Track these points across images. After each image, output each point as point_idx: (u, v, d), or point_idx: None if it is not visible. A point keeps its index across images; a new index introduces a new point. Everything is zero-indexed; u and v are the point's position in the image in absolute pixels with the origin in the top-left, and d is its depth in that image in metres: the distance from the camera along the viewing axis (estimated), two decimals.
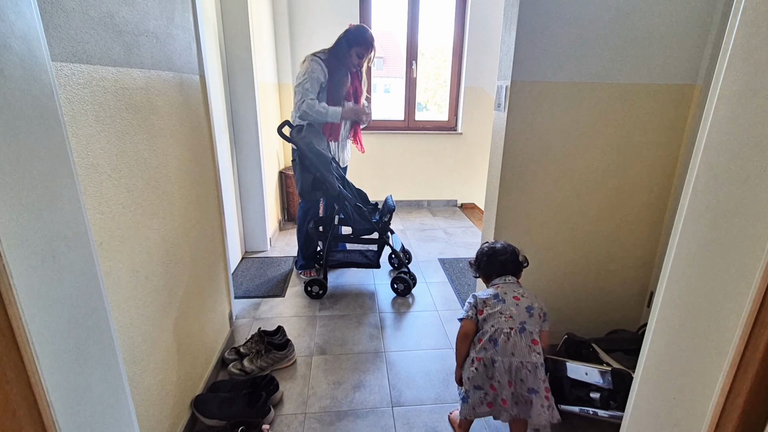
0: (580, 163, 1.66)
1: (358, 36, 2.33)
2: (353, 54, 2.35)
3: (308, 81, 2.28)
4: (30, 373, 0.60)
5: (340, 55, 2.35)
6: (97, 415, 0.77)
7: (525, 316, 1.27)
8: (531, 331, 1.26)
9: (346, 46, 2.33)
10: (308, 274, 2.68)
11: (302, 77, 2.30)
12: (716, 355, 0.74)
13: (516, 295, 1.32)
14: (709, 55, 1.54)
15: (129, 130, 1.07)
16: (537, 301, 1.33)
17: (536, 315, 1.29)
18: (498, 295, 1.32)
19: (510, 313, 1.27)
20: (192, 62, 1.50)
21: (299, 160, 2.30)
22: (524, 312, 1.28)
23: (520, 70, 1.53)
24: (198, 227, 1.54)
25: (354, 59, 2.36)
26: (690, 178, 0.82)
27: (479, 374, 1.26)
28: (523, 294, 1.33)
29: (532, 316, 1.28)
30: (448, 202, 4.32)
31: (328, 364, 1.86)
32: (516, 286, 1.37)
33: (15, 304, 0.57)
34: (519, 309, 1.28)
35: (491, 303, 1.31)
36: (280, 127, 2.37)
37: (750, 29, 0.68)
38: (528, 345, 1.24)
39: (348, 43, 2.33)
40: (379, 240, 2.45)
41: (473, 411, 1.28)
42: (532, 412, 1.23)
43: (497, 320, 1.27)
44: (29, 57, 0.61)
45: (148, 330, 1.16)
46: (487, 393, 1.26)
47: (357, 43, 2.33)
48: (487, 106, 3.96)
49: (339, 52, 2.34)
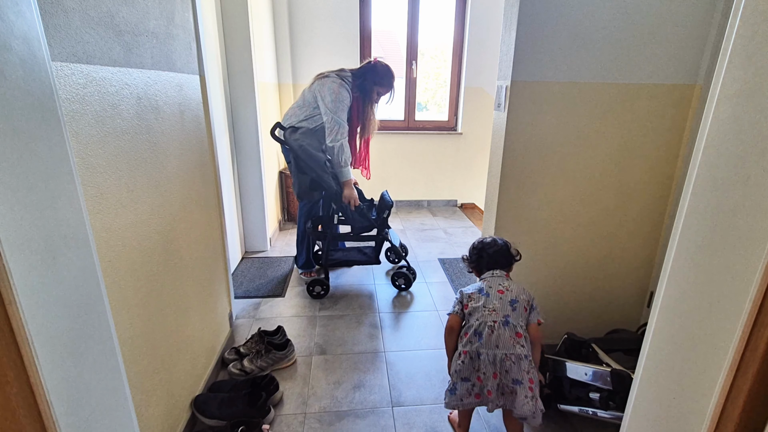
0: (580, 163, 1.66)
1: (384, 77, 2.36)
2: (375, 91, 2.39)
3: (342, 110, 2.28)
4: (30, 373, 0.60)
5: (363, 90, 2.38)
6: (97, 415, 0.77)
7: (508, 310, 1.29)
8: (515, 324, 1.28)
9: (371, 83, 2.36)
10: (309, 275, 2.69)
11: (334, 103, 2.26)
12: (716, 355, 0.74)
13: (501, 289, 1.33)
14: (709, 55, 1.54)
15: (129, 130, 1.07)
16: (523, 294, 1.34)
17: (521, 308, 1.31)
18: (483, 289, 1.34)
19: (493, 306, 1.30)
20: (192, 62, 1.49)
21: (294, 162, 2.30)
22: (508, 305, 1.30)
23: (520, 70, 1.53)
24: (198, 227, 1.54)
25: (374, 96, 2.41)
26: (690, 178, 0.82)
27: (466, 366, 1.30)
28: (509, 287, 1.34)
29: (515, 310, 1.30)
30: (448, 202, 4.32)
31: (328, 364, 1.86)
32: (503, 279, 1.37)
33: (15, 304, 0.57)
34: (502, 302, 1.30)
35: (476, 297, 1.33)
36: (272, 130, 2.36)
37: (750, 29, 0.68)
38: (512, 337, 1.27)
39: (373, 81, 2.36)
40: (378, 237, 2.45)
41: (460, 402, 1.32)
42: (516, 402, 1.27)
43: (481, 314, 1.30)
44: (29, 57, 0.61)
45: (148, 330, 1.16)
46: (474, 384, 1.30)
47: (381, 84, 2.38)
48: (487, 106, 3.96)
49: (363, 86, 2.36)
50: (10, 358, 0.58)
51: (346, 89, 2.29)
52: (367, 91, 2.38)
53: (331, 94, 2.26)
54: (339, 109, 2.26)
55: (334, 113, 2.26)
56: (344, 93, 2.28)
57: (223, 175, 2.37)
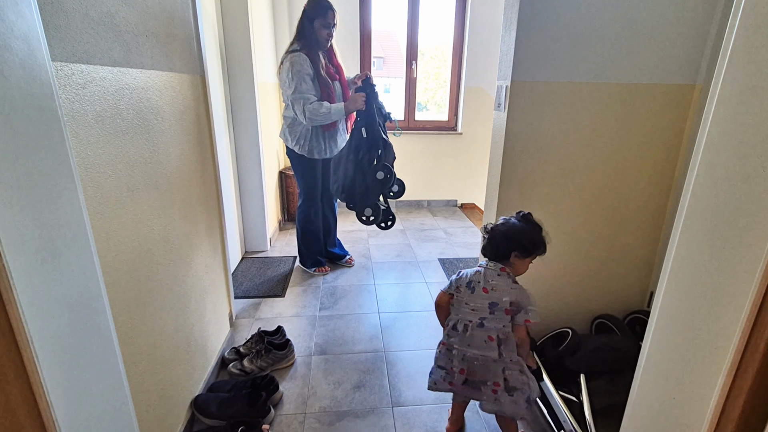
0: (580, 163, 1.66)
1: (314, 6, 2.20)
2: (319, 27, 2.22)
3: (300, 81, 2.18)
4: (30, 373, 0.60)
5: (309, 37, 2.23)
6: (97, 415, 0.77)
7: (486, 313, 1.27)
8: (489, 328, 1.26)
9: (309, 24, 2.21)
10: (322, 269, 2.72)
11: (292, 80, 2.19)
12: (716, 355, 0.74)
13: (486, 287, 1.28)
14: (709, 55, 1.54)
15: (129, 130, 1.07)
16: (508, 296, 1.26)
17: (500, 312, 1.26)
18: (471, 282, 1.31)
19: (474, 305, 1.29)
20: (192, 62, 1.49)
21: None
22: (487, 308, 1.27)
23: (520, 70, 1.53)
24: (198, 227, 1.54)
25: (322, 33, 2.23)
26: (690, 178, 0.82)
27: (442, 356, 1.36)
28: (495, 287, 1.27)
29: (493, 314, 1.26)
30: (448, 202, 4.32)
31: (328, 364, 1.86)
32: (494, 275, 1.29)
33: (15, 304, 0.57)
34: (482, 304, 1.28)
35: (463, 290, 1.32)
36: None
37: (750, 29, 0.68)
38: (484, 340, 1.26)
39: (309, 20, 2.21)
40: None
41: (435, 385, 1.39)
42: (480, 397, 1.32)
43: (462, 310, 1.31)
44: (29, 57, 0.61)
45: (148, 330, 1.16)
46: (448, 373, 1.36)
47: (317, 15, 2.20)
48: (487, 106, 3.96)
49: (306, 33, 2.22)
50: (10, 358, 0.58)
51: (298, 56, 2.19)
52: (313, 35, 2.23)
53: (285, 74, 2.22)
54: (297, 82, 2.18)
55: (295, 90, 2.19)
56: (296, 59, 2.18)
57: (223, 175, 2.37)
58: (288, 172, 3.51)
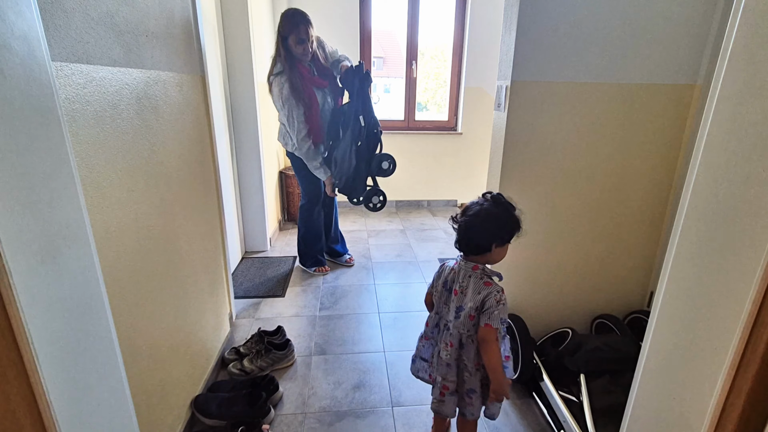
0: (580, 163, 1.66)
1: (284, 23, 2.14)
2: (293, 44, 2.15)
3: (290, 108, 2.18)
4: (30, 373, 0.60)
5: (287, 56, 2.17)
6: (97, 415, 0.77)
7: (452, 316, 1.21)
8: (452, 333, 1.21)
9: (283, 41, 2.15)
10: (322, 269, 2.73)
11: (283, 106, 2.20)
12: (716, 355, 0.74)
13: (456, 289, 1.21)
14: (709, 55, 1.54)
15: (129, 129, 1.07)
16: (472, 302, 1.15)
17: (465, 317, 1.17)
18: (447, 282, 1.24)
19: (448, 306, 1.25)
20: (192, 62, 1.49)
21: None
22: (453, 312, 1.21)
23: (520, 70, 1.53)
24: (198, 227, 1.54)
25: (297, 49, 2.16)
26: (690, 178, 0.82)
27: (426, 349, 1.37)
28: (464, 290, 1.18)
29: (458, 318, 1.19)
30: (448, 202, 4.32)
31: (328, 364, 1.86)
32: (464, 276, 1.19)
33: (15, 304, 0.57)
34: (451, 307, 1.22)
35: (439, 289, 1.28)
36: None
37: (750, 29, 0.68)
38: (445, 343, 1.25)
39: (283, 38, 2.15)
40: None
41: (416, 373, 1.41)
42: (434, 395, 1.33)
43: (440, 309, 1.30)
44: (29, 57, 0.61)
45: (148, 330, 1.16)
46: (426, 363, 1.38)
47: (289, 31, 2.13)
48: (487, 106, 3.96)
49: (282, 52, 2.17)
50: (10, 358, 0.58)
51: (278, 79, 2.18)
52: (290, 55, 2.17)
53: (276, 98, 2.24)
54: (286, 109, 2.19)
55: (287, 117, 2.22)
56: (278, 83, 2.18)
57: (223, 175, 2.37)
58: (288, 172, 3.51)
